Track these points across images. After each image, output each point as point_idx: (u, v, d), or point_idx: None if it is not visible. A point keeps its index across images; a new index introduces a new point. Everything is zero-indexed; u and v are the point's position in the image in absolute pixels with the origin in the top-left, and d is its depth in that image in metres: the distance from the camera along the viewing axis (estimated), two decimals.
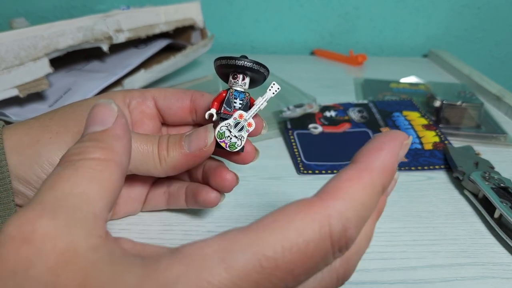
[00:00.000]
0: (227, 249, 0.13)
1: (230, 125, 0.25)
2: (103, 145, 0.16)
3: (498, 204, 0.30)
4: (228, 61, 0.24)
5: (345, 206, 0.14)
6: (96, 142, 0.17)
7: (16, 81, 0.37)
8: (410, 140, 0.17)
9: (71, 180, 0.15)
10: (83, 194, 0.15)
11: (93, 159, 0.16)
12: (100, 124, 0.17)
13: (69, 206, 0.14)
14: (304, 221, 0.14)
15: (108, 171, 0.16)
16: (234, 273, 0.12)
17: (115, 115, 0.18)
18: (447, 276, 0.27)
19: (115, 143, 0.17)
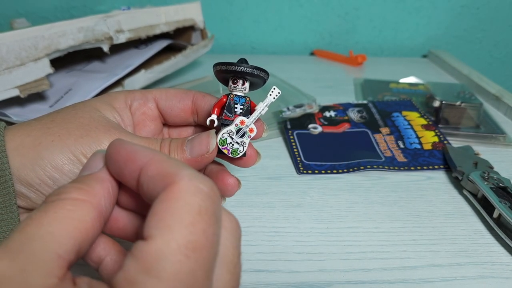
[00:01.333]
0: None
1: (232, 132, 0.25)
2: (82, 186, 0.16)
3: (497, 204, 0.30)
4: (228, 67, 0.24)
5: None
6: (76, 183, 0.17)
7: (17, 81, 0.37)
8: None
9: (40, 221, 0.15)
10: (49, 234, 0.15)
11: (68, 199, 0.16)
12: (88, 169, 0.18)
13: (32, 248, 0.14)
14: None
15: (82, 211, 0.16)
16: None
17: (99, 166, 0.18)
18: (446, 275, 0.27)
19: (95, 185, 0.17)
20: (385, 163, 0.39)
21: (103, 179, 0.17)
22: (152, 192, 0.15)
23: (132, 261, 0.14)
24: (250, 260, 0.27)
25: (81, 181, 0.17)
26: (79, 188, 0.16)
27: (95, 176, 0.17)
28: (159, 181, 0.15)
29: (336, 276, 0.27)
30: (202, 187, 0.15)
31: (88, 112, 0.25)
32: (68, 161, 0.22)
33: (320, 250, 0.29)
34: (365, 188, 0.36)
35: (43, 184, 0.22)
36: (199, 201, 0.14)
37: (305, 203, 0.34)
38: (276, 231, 0.30)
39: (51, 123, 0.24)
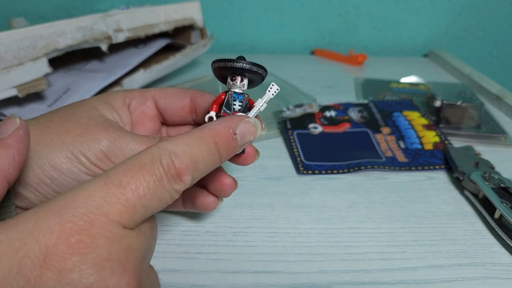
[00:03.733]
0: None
1: None
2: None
3: (498, 204, 0.30)
4: (226, 64, 0.24)
5: (174, 146, 0.18)
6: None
7: (16, 81, 0.36)
8: (253, 121, 0.21)
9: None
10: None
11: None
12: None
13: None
14: (142, 153, 0.18)
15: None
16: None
17: (15, 127, 0.18)
18: (447, 276, 0.27)
19: (1, 151, 0.17)
20: (385, 163, 0.39)
21: (9, 145, 0.18)
22: None
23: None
24: (250, 261, 0.27)
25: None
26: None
27: (2, 141, 0.18)
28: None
29: (336, 277, 0.26)
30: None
31: (87, 111, 0.25)
32: (67, 160, 0.22)
33: (320, 251, 0.28)
34: (365, 188, 0.36)
35: (41, 184, 0.22)
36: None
37: (305, 204, 0.33)
38: (275, 232, 0.30)
39: (50, 122, 0.24)
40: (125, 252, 0.16)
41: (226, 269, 0.27)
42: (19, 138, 0.18)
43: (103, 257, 0.15)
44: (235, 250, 0.28)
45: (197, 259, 0.27)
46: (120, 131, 0.24)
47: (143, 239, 0.17)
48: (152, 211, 0.17)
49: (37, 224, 0.15)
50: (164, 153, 0.17)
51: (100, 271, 0.15)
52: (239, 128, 0.21)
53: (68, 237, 0.15)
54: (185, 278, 0.26)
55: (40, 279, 0.14)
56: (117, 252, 0.15)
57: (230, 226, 0.31)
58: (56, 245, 0.14)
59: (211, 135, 0.19)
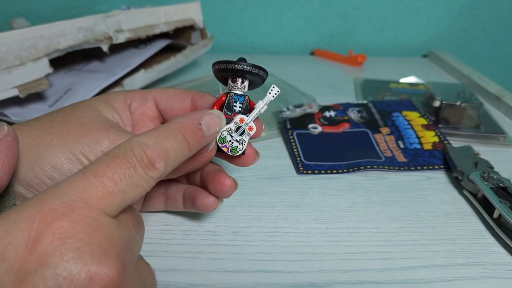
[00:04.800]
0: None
1: (231, 130, 0.25)
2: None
3: (497, 204, 0.30)
4: (227, 65, 0.24)
5: (144, 138, 0.19)
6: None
7: (16, 81, 0.37)
8: (217, 113, 0.23)
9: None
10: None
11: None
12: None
13: None
14: (115, 147, 0.19)
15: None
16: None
17: (3, 134, 0.19)
18: (446, 276, 0.27)
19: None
20: (385, 163, 0.39)
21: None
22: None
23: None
24: (250, 261, 0.27)
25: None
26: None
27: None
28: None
29: (335, 277, 0.26)
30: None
31: (87, 112, 0.25)
32: (67, 161, 0.22)
33: (319, 251, 0.29)
34: (365, 188, 0.36)
35: (42, 184, 0.22)
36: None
37: (305, 203, 0.34)
38: (275, 231, 0.30)
39: (50, 123, 0.24)
40: (105, 238, 0.16)
41: (226, 268, 0.27)
42: (8, 144, 0.19)
43: (83, 241, 0.15)
44: (235, 250, 0.28)
45: (197, 258, 0.27)
46: (121, 132, 0.24)
47: (124, 231, 0.18)
48: (131, 197, 0.18)
49: (20, 215, 0.15)
50: (135, 144, 0.18)
51: (80, 255, 0.15)
52: (203, 119, 0.22)
53: (49, 223, 0.15)
54: (185, 277, 0.26)
55: (23, 263, 0.15)
56: (97, 237, 0.16)
57: (230, 225, 0.31)
58: (38, 231, 0.15)
59: (177, 128, 0.21)
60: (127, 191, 0.17)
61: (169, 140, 0.20)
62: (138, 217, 0.20)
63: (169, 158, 0.19)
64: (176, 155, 0.20)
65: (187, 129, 0.21)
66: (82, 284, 0.15)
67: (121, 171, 0.17)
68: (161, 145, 0.19)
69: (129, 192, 0.18)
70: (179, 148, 0.20)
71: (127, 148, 0.18)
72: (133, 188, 0.18)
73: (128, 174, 0.18)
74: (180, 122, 0.21)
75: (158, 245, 0.28)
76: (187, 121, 0.21)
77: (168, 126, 0.21)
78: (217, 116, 0.22)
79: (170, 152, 0.19)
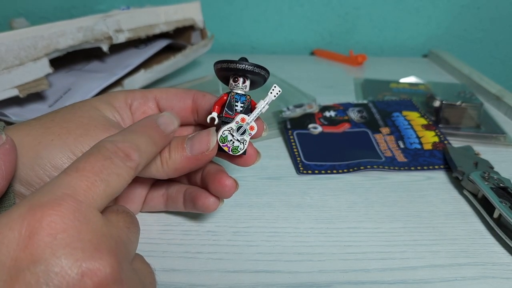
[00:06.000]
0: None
1: (233, 129, 0.25)
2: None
3: (498, 204, 0.30)
4: (229, 65, 0.24)
5: (112, 137, 0.20)
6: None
7: (16, 81, 0.37)
8: (167, 114, 0.24)
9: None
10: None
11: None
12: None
13: None
14: (89, 149, 0.19)
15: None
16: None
17: (1, 142, 0.19)
18: (447, 276, 0.27)
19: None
20: (385, 163, 0.39)
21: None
22: None
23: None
24: (250, 261, 0.27)
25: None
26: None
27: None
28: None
29: (336, 277, 0.26)
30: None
31: (88, 111, 0.25)
32: (68, 160, 0.22)
33: (320, 251, 0.29)
34: (365, 188, 0.36)
35: (42, 183, 0.22)
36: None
37: (305, 203, 0.34)
38: (275, 232, 0.30)
39: (51, 122, 0.24)
40: (95, 234, 0.16)
41: (226, 268, 0.27)
42: (6, 151, 0.19)
43: (74, 237, 0.16)
44: (235, 250, 0.28)
45: (198, 258, 0.27)
46: None
47: (115, 230, 0.18)
48: (114, 187, 0.18)
49: (10, 215, 0.15)
50: (106, 142, 0.19)
51: (71, 251, 0.15)
52: (158, 120, 0.23)
53: (39, 219, 0.15)
54: (185, 277, 0.26)
55: (15, 261, 0.15)
56: (87, 233, 0.16)
57: (230, 225, 0.31)
58: (28, 228, 0.15)
59: (139, 127, 0.22)
60: (109, 180, 0.18)
61: (136, 135, 0.21)
62: (131, 217, 0.21)
63: (140, 151, 0.20)
64: (146, 148, 0.21)
65: (148, 127, 0.22)
66: (74, 280, 0.15)
67: (100, 163, 0.18)
68: (130, 139, 0.20)
69: (111, 181, 0.18)
70: (146, 142, 0.21)
71: (100, 145, 0.19)
72: (115, 177, 0.18)
73: (107, 165, 0.18)
74: (139, 123, 0.22)
75: (158, 245, 0.28)
76: (145, 121, 0.23)
77: (130, 127, 0.22)
78: (169, 117, 0.24)
79: (140, 146, 0.20)
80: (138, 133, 0.21)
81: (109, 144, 0.19)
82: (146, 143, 0.21)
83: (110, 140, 0.20)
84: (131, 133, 0.21)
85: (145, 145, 0.21)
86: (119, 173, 0.19)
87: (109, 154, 0.19)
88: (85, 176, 0.17)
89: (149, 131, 0.22)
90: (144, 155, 0.21)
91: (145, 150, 0.21)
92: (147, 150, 0.21)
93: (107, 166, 0.18)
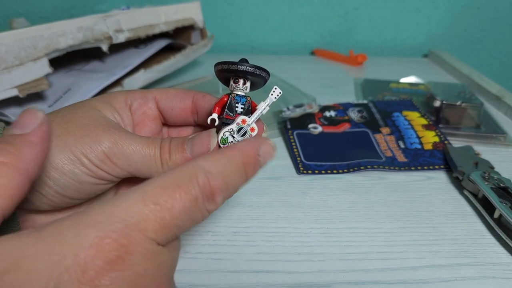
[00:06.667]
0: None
1: (233, 131, 0.25)
2: (11, 149, 0.16)
3: (498, 204, 0.30)
4: (229, 66, 0.24)
5: (209, 165, 0.18)
6: (5, 144, 0.16)
7: (16, 81, 0.37)
8: (272, 144, 0.22)
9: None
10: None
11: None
12: (20, 128, 0.17)
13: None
14: (179, 170, 0.18)
15: (6, 178, 0.16)
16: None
17: (38, 122, 0.17)
18: (447, 276, 0.27)
19: (25, 149, 0.17)
20: (385, 163, 0.39)
21: (33, 143, 0.17)
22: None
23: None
24: (250, 261, 0.27)
25: (10, 142, 0.17)
26: (8, 152, 0.16)
27: (26, 138, 0.17)
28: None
29: (336, 277, 0.26)
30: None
31: (88, 112, 0.25)
32: (68, 161, 0.22)
33: (320, 251, 0.29)
34: (365, 188, 0.36)
35: (43, 185, 0.22)
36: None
37: (305, 203, 0.34)
38: (275, 232, 0.30)
39: (51, 122, 0.24)
40: (158, 269, 0.16)
41: (226, 268, 0.27)
42: (43, 135, 0.18)
43: (139, 274, 0.15)
44: (235, 250, 0.28)
45: (198, 258, 0.27)
46: (121, 132, 0.24)
47: (174, 254, 0.18)
48: (184, 230, 0.17)
49: (76, 237, 0.15)
50: (200, 172, 0.18)
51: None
52: (261, 149, 0.21)
53: (107, 253, 0.15)
54: (185, 277, 0.26)
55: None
56: (151, 269, 0.16)
57: (230, 226, 0.31)
58: (95, 261, 0.14)
59: (240, 157, 0.20)
60: (183, 225, 0.17)
61: (232, 169, 0.19)
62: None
63: (228, 191, 0.19)
64: (233, 187, 0.19)
65: (248, 159, 0.20)
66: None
67: (182, 203, 0.17)
68: (224, 175, 0.18)
69: (184, 226, 0.17)
70: (238, 179, 0.19)
71: (192, 175, 0.18)
72: (189, 222, 0.17)
73: (188, 207, 0.17)
74: (242, 150, 0.20)
75: None
76: (248, 149, 0.20)
77: (231, 152, 0.20)
78: (273, 147, 0.22)
79: (230, 184, 0.19)
80: (235, 164, 0.19)
81: (203, 178, 0.18)
82: (236, 180, 0.19)
83: (205, 171, 0.18)
84: (230, 163, 0.19)
85: (234, 183, 0.19)
86: (194, 218, 0.17)
87: (197, 193, 0.17)
88: (162, 215, 0.16)
89: (248, 163, 0.20)
90: (227, 195, 0.19)
91: (232, 190, 0.19)
92: (233, 190, 0.19)
93: (188, 210, 0.17)
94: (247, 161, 0.20)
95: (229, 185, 0.19)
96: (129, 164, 0.23)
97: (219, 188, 0.18)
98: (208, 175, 0.18)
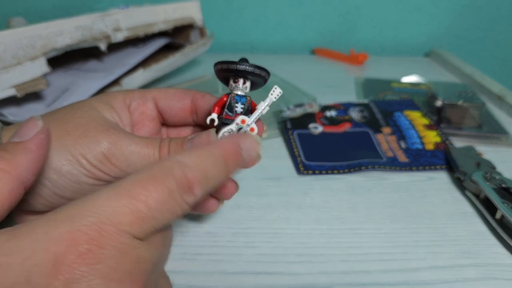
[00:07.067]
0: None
1: (233, 131, 0.25)
2: (6, 155, 0.17)
3: (500, 204, 0.30)
4: (229, 66, 0.24)
5: (185, 158, 0.18)
6: (2, 151, 0.17)
7: (14, 80, 0.36)
8: (256, 138, 0.22)
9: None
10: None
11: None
12: (19, 136, 0.18)
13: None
14: (154, 165, 0.18)
15: (0, 183, 0.16)
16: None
17: (36, 130, 0.18)
18: (448, 277, 0.27)
19: (20, 156, 0.17)
20: (386, 163, 0.38)
21: (29, 150, 0.17)
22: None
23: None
24: (250, 262, 0.27)
25: (7, 149, 0.17)
26: (2, 158, 0.17)
27: (22, 145, 0.17)
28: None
29: (337, 278, 0.26)
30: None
31: (87, 112, 0.24)
32: (67, 162, 0.22)
33: (320, 252, 0.28)
34: (366, 188, 0.36)
35: (41, 186, 0.22)
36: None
37: (306, 204, 0.33)
38: (276, 233, 0.30)
39: (49, 123, 0.23)
40: (135, 264, 0.16)
41: (226, 270, 0.26)
42: (40, 143, 0.18)
43: (112, 268, 0.15)
44: (235, 251, 0.28)
45: (197, 260, 0.27)
46: (120, 132, 0.23)
47: (154, 251, 0.17)
48: (163, 223, 0.17)
49: (47, 233, 0.15)
50: (176, 165, 0.17)
51: (107, 282, 0.15)
52: (243, 143, 0.21)
53: (77, 246, 0.14)
54: (184, 279, 0.26)
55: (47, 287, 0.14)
56: (126, 263, 0.15)
57: (230, 226, 0.30)
58: (65, 254, 0.14)
59: (219, 150, 0.20)
60: (160, 217, 0.17)
61: (210, 162, 0.19)
62: (168, 232, 0.19)
63: (207, 184, 0.18)
64: (214, 180, 0.19)
65: (228, 152, 0.20)
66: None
67: (157, 195, 0.16)
68: (202, 167, 0.18)
69: (161, 218, 0.17)
70: (218, 173, 0.19)
71: (167, 168, 0.17)
72: (167, 214, 0.17)
73: (164, 198, 0.17)
74: (221, 144, 0.20)
75: None
76: (228, 143, 0.20)
77: (210, 146, 0.20)
78: (254, 142, 0.21)
79: (209, 177, 0.19)
80: (215, 158, 0.19)
81: (179, 171, 0.17)
82: (217, 174, 0.19)
83: (181, 163, 0.18)
84: (209, 156, 0.19)
85: (215, 177, 0.19)
86: (173, 210, 0.17)
87: (173, 185, 0.17)
88: (136, 207, 0.16)
89: (229, 157, 0.20)
90: (208, 189, 0.19)
91: (212, 183, 0.19)
92: (213, 183, 0.19)
93: (164, 201, 0.17)
94: (227, 154, 0.20)
95: (208, 177, 0.18)
96: (128, 165, 0.23)
97: (196, 180, 0.18)
98: (184, 168, 0.18)
